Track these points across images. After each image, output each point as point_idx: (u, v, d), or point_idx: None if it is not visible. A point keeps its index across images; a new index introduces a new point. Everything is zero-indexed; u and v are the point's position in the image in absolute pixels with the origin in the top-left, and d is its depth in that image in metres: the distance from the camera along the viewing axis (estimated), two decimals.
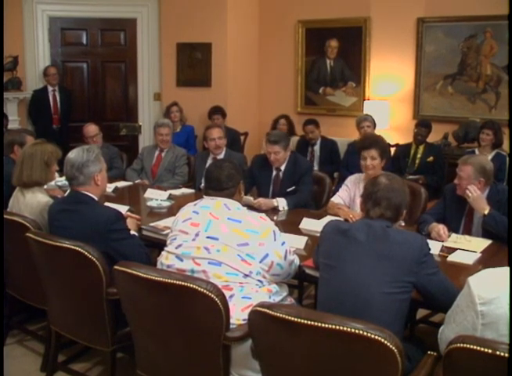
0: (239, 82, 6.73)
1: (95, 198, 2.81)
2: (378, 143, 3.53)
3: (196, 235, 2.39)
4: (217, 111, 6.27)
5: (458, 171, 3.20)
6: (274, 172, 4.09)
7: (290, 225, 3.32)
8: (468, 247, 2.92)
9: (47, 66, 6.37)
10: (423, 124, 5.42)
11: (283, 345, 1.96)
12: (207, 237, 2.37)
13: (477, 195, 3.10)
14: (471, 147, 5.34)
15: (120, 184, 4.56)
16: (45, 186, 3.25)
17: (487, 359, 1.62)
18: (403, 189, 2.36)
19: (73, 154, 2.79)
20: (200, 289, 2.08)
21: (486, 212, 3.07)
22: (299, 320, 1.82)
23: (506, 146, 5.10)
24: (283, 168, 4.06)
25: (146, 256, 2.76)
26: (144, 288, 2.24)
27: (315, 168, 5.52)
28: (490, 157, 4.74)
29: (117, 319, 2.60)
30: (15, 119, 6.10)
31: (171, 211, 3.55)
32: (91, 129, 5.13)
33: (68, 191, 2.95)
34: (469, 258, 2.78)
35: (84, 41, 6.70)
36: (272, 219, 2.59)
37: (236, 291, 2.31)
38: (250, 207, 3.41)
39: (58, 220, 2.80)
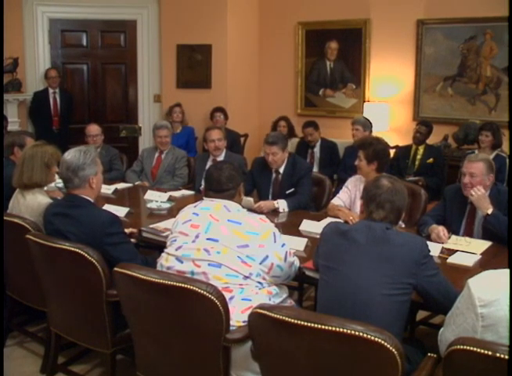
0: (239, 84, 6.74)
1: (91, 200, 2.79)
2: (365, 146, 3.50)
3: (196, 237, 2.39)
4: (219, 109, 6.31)
5: (468, 170, 3.16)
6: (273, 175, 4.09)
7: (290, 227, 3.32)
8: (468, 249, 2.92)
9: (48, 69, 6.38)
10: (423, 123, 5.44)
11: (282, 346, 1.96)
12: (207, 239, 2.37)
13: (481, 194, 3.10)
14: (471, 149, 5.35)
15: (120, 186, 4.56)
16: (45, 188, 3.25)
17: (487, 361, 1.62)
18: (404, 192, 2.37)
19: (69, 156, 2.74)
20: (200, 291, 2.08)
21: (489, 212, 3.07)
22: (299, 322, 1.83)
23: (506, 147, 5.11)
24: (282, 170, 4.06)
25: (142, 263, 2.66)
26: (144, 290, 2.24)
27: (315, 169, 5.53)
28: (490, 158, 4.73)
29: (116, 321, 2.60)
30: (15, 121, 6.10)
31: (171, 213, 3.56)
32: (94, 129, 5.17)
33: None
34: (469, 260, 2.78)
35: (85, 43, 6.71)
36: (272, 221, 2.58)
37: (235, 292, 2.31)
38: (251, 209, 3.42)
39: (52, 223, 2.77)
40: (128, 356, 2.86)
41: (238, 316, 2.26)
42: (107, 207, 3.40)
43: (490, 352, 1.61)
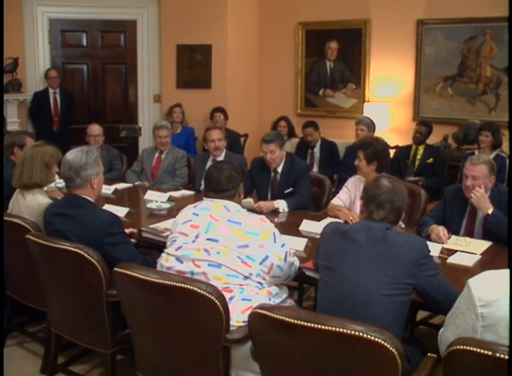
0: (239, 84, 6.74)
1: (92, 200, 2.79)
2: (365, 146, 3.50)
3: (196, 237, 2.39)
4: (219, 109, 6.31)
5: (470, 173, 3.14)
6: (272, 174, 4.09)
7: (290, 227, 3.32)
8: (468, 249, 2.92)
9: (48, 69, 6.38)
10: (423, 123, 5.44)
11: (282, 346, 1.96)
12: (207, 239, 2.37)
13: (480, 194, 3.10)
14: (471, 149, 5.34)
15: (120, 186, 4.57)
16: (45, 188, 3.25)
17: (487, 361, 1.62)
18: (404, 192, 2.37)
19: (71, 156, 2.74)
20: (199, 291, 2.08)
21: (490, 211, 3.07)
22: (299, 322, 1.83)
23: (506, 147, 5.11)
24: (279, 169, 4.06)
25: (142, 263, 2.66)
26: (144, 290, 2.24)
27: (315, 169, 5.53)
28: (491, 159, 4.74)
29: (116, 321, 2.60)
30: (15, 121, 6.10)
31: (171, 213, 3.56)
32: (96, 129, 5.19)
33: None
34: (469, 260, 2.78)
35: (85, 43, 6.71)
36: (272, 221, 2.58)
37: (235, 292, 2.31)
38: (251, 209, 3.42)
39: (52, 224, 2.77)
40: (128, 356, 2.86)
41: (238, 316, 2.26)
42: (107, 207, 3.40)
43: (490, 352, 1.61)
